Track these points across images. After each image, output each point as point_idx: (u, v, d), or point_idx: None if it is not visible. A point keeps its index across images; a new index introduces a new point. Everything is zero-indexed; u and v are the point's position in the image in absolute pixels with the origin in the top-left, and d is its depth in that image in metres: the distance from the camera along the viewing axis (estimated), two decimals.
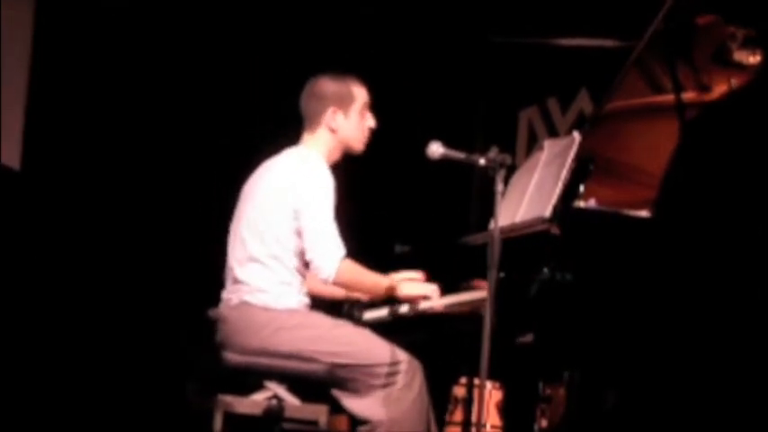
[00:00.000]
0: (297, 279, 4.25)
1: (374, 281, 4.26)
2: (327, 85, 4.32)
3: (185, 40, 6.20)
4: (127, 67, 6.12)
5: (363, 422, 4.13)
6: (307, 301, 4.28)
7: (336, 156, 4.33)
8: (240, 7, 6.31)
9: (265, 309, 4.19)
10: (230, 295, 4.28)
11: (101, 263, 6.00)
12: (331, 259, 4.10)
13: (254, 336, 4.16)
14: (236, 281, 4.25)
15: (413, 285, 4.29)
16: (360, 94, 4.33)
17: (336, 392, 4.18)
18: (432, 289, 4.26)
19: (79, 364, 5.87)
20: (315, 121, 4.31)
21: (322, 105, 4.29)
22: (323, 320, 4.24)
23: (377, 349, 4.16)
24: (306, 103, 4.35)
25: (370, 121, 4.36)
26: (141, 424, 5.89)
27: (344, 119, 4.30)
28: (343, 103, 4.29)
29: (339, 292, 4.45)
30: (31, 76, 5.92)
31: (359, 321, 4.43)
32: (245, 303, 4.21)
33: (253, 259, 4.22)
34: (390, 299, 4.32)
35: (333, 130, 4.29)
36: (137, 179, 6.10)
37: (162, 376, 5.89)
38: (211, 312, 4.30)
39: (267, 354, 4.15)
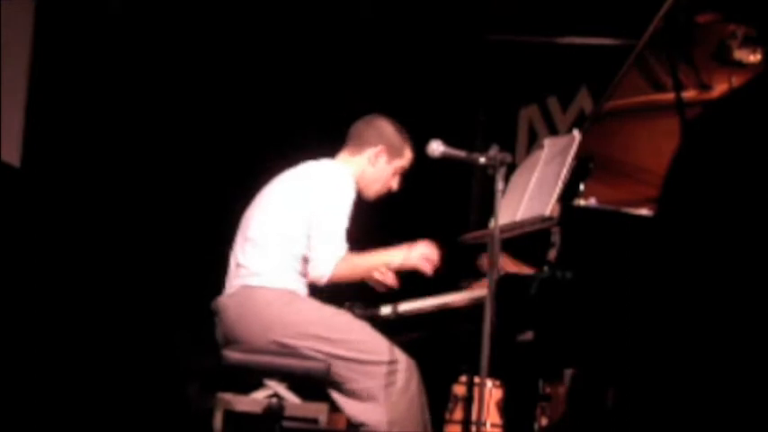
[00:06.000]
0: (297, 272, 4.27)
1: (369, 266, 4.28)
2: (390, 129, 4.47)
3: (184, 40, 6.21)
4: (126, 66, 6.13)
5: (362, 425, 4.14)
6: (306, 290, 4.30)
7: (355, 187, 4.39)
8: (240, 10, 6.31)
9: (264, 289, 4.22)
10: (231, 282, 4.31)
11: (100, 260, 6.00)
12: (328, 261, 4.16)
13: (256, 318, 4.18)
14: (237, 266, 4.30)
15: (401, 254, 4.29)
16: (407, 156, 4.49)
17: (335, 395, 4.18)
18: (431, 251, 4.28)
19: (79, 362, 5.88)
20: (361, 147, 4.44)
21: (376, 139, 4.43)
22: (324, 307, 4.27)
23: (376, 344, 4.18)
24: (362, 128, 4.48)
25: (395, 183, 4.51)
26: (141, 423, 5.89)
27: (384, 163, 4.44)
28: (393, 151, 4.44)
29: None
30: (31, 76, 5.92)
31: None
32: (244, 287, 4.24)
33: (256, 245, 4.27)
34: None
35: (371, 164, 4.42)
36: (135, 177, 6.11)
37: (162, 376, 5.89)
38: (213, 304, 4.32)
39: (267, 336, 4.15)
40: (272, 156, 4.59)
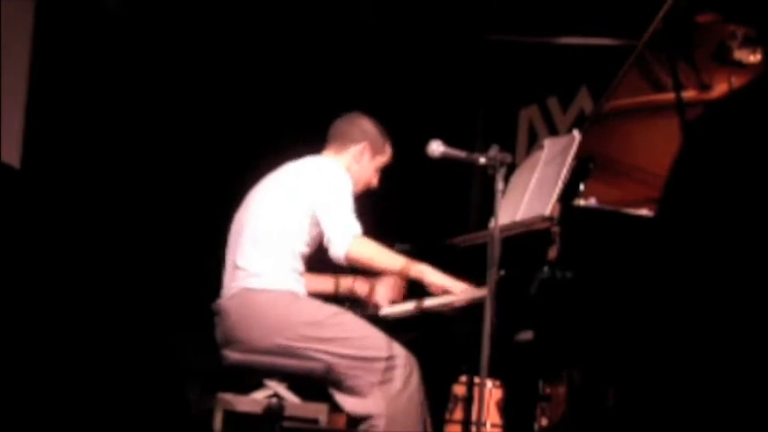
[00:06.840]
0: (296, 271, 4.27)
1: (391, 258, 4.25)
2: (371, 126, 4.49)
3: (184, 40, 6.21)
4: (126, 67, 6.13)
5: (362, 420, 4.14)
6: (304, 289, 4.30)
7: None
8: (240, 10, 6.31)
9: (265, 291, 4.21)
10: (230, 284, 4.31)
11: (99, 260, 6.00)
12: (344, 234, 4.15)
13: (257, 321, 4.18)
14: (235, 267, 4.29)
15: (439, 275, 4.23)
16: (388, 153, 4.52)
17: (335, 393, 4.18)
18: (460, 286, 4.19)
19: (78, 362, 5.87)
20: (345, 145, 4.45)
21: (361, 137, 4.46)
22: (324, 307, 4.27)
23: (375, 340, 4.18)
24: (344, 126, 4.49)
25: (375, 181, 4.52)
26: (141, 424, 5.89)
27: (368, 160, 4.47)
28: (375, 148, 4.47)
29: (327, 287, 4.52)
30: (31, 76, 5.92)
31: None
32: (244, 290, 4.24)
33: (254, 244, 4.26)
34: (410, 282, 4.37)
35: (356, 161, 4.44)
36: (134, 178, 6.11)
37: (162, 376, 5.89)
38: (213, 306, 4.32)
39: (269, 339, 4.15)
40: (273, 155, 4.59)
